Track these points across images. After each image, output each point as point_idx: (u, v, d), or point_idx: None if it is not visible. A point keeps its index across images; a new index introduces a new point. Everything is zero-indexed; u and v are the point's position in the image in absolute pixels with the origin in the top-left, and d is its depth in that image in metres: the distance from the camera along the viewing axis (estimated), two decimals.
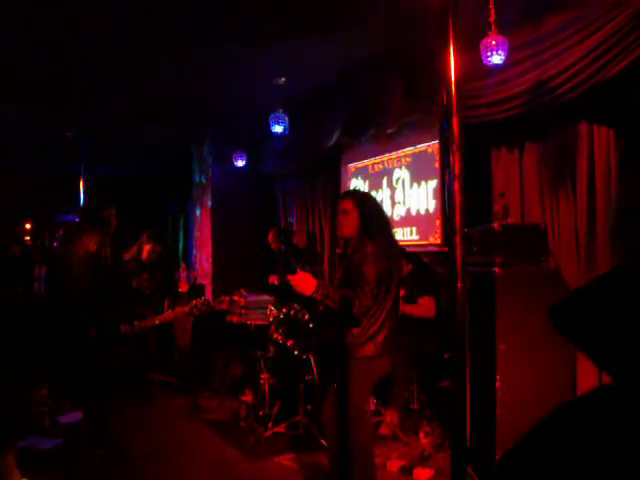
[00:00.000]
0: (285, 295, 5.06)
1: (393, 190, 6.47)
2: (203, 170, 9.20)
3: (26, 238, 12.13)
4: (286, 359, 4.79)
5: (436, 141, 5.74)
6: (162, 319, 4.86)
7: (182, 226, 11.56)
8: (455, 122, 2.30)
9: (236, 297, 5.87)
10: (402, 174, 6.31)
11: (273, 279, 6.23)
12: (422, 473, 3.83)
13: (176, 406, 5.44)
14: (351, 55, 5.36)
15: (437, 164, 5.74)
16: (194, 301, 4.70)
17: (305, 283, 3.00)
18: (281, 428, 4.58)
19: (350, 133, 6.43)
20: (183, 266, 8.58)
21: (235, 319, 5.88)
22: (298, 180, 8.21)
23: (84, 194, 8.63)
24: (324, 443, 3.81)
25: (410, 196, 6.19)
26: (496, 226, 3.81)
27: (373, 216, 3.27)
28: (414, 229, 6.12)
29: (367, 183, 6.91)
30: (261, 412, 4.73)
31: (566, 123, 4.11)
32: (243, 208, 8.64)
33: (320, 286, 3.02)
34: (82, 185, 8.65)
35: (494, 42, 3.91)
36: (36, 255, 10.06)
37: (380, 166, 6.70)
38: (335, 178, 7.46)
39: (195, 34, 4.99)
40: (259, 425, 4.64)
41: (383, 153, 6.60)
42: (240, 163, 8.01)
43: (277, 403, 4.70)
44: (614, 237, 3.72)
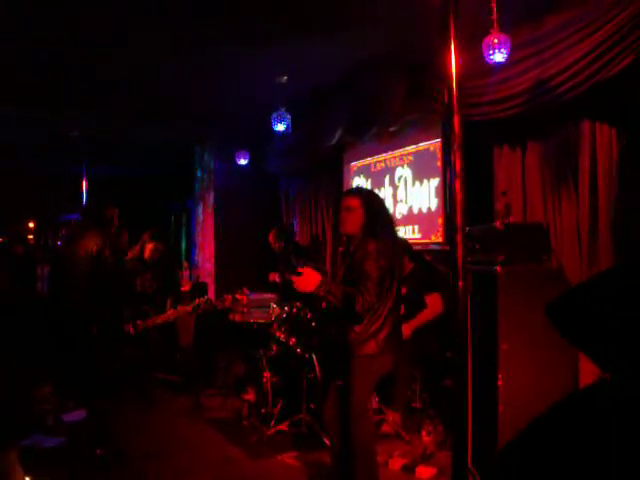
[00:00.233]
0: (287, 293, 5.07)
1: (395, 188, 6.47)
2: (205, 169, 9.20)
3: (29, 237, 12.16)
4: (288, 357, 4.79)
5: (438, 139, 5.73)
6: (165, 318, 4.88)
7: (184, 225, 11.57)
8: (456, 120, 2.30)
9: (238, 295, 5.88)
10: (404, 172, 6.31)
11: (274, 276, 6.24)
12: (424, 471, 3.83)
13: (178, 405, 5.44)
14: (352, 54, 5.36)
15: (439, 162, 5.74)
16: (197, 300, 4.71)
17: (309, 279, 2.99)
18: (284, 426, 4.58)
19: (352, 132, 6.43)
20: (185, 265, 8.61)
21: (237, 317, 5.89)
22: (301, 179, 8.22)
23: (87, 194, 8.66)
24: (327, 441, 3.82)
25: (412, 194, 6.19)
26: (498, 224, 3.80)
27: (378, 214, 3.27)
28: (416, 227, 6.13)
29: (369, 181, 6.91)
30: (264, 410, 4.72)
31: (568, 122, 4.11)
32: (245, 207, 8.64)
33: (323, 282, 3.01)
34: (85, 185, 8.69)
35: (496, 40, 3.91)
36: (39, 254, 10.08)
37: (382, 164, 6.70)
38: (337, 176, 7.47)
39: (195, 34, 4.99)
40: (262, 423, 4.64)
41: (385, 151, 6.60)
42: (243, 162, 8.01)
43: (280, 401, 4.70)
44: (616, 235, 3.72)
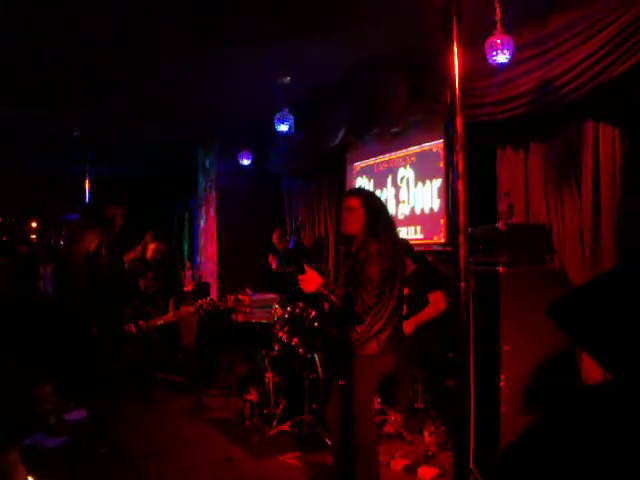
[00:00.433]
0: (290, 293, 5.07)
1: (398, 189, 6.47)
2: (208, 169, 9.21)
3: (32, 237, 12.19)
4: (291, 357, 4.79)
5: (441, 140, 5.73)
6: (167, 319, 4.88)
7: (187, 225, 11.58)
8: (459, 121, 2.30)
9: (241, 296, 5.88)
10: (407, 173, 6.31)
11: (272, 260, 6.28)
12: (426, 472, 3.82)
13: (180, 405, 5.44)
14: (352, 55, 5.36)
15: (442, 163, 5.73)
16: (199, 301, 4.71)
17: (311, 279, 3.02)
18: (286, 427, 4.57)
19: (355, 132, 6.43)
20: (188, 265, 8.61)
21: (240, 318, 5.89)
22: (303, 179, 8.22)
23: (89, 193, 8.67)
24: (329, 442, 3.82)
25: (415, 195, 6.19)
26: (500, 225, 3.80)
27: (379, 214, 3.29)
28: (418, 228, 6.12)
29: (372, 182, 6.91)
30: (266, 411, 4.73)
31: (571, 122, 4.10)
32: (248, 207, 8.64)
33: (326, 282, 3.05)
34: (87, 185, 8.70)
35: (499, 41, 3.90)
36: (42, 254, 10.09)
37: (385, 165, 6.69)
38: (340, 177, 7.46)
39: (195, 34, 4.99)
40: (264, 424, 4.64)
41: (388, 152, 6.60)
42: (245, 162, 8.01)
43: (282, 402, 4.70)
44: (619, 238, 3.71)
